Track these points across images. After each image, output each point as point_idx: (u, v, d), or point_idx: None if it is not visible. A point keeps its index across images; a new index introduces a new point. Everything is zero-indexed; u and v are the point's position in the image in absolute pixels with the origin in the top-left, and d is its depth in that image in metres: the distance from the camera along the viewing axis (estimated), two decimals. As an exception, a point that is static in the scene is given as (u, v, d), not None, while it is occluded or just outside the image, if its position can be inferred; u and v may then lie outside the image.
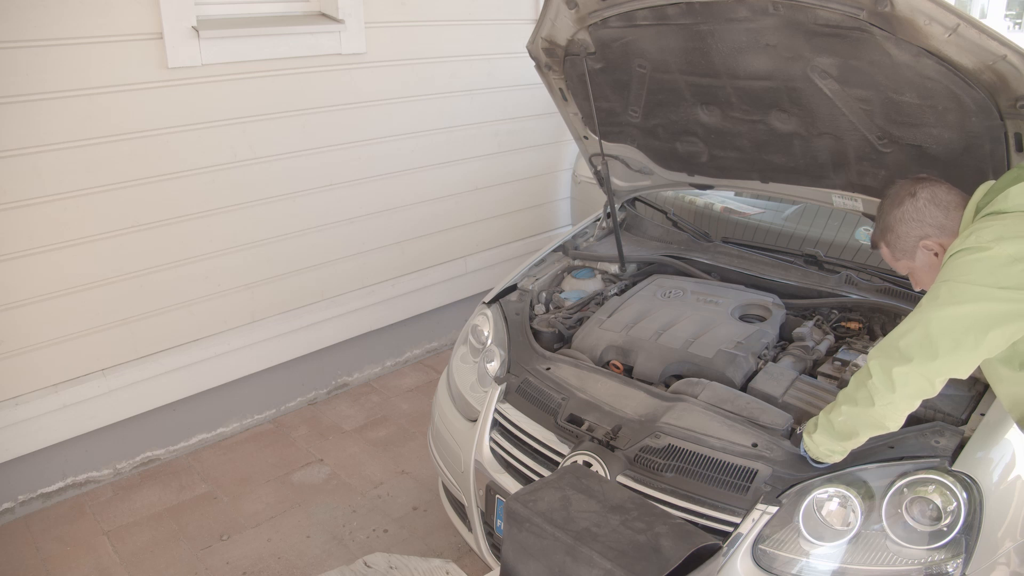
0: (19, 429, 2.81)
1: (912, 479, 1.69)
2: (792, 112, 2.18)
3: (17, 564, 2.69)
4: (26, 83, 2.54)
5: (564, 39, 2.38)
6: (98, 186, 2.78)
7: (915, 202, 1.74)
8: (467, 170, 4.00)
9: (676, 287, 2.53)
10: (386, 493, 3.03)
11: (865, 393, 1.60)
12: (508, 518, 1.75)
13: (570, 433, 2.04)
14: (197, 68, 2.88)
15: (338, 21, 3.23)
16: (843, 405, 1.66)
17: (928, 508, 1.66)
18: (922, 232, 1.74)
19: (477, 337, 2.54)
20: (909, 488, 1.68)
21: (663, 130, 2.58)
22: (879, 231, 1.83)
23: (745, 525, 1.72)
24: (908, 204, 1.75)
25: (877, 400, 1.58)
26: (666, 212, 3.05)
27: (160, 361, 3.11)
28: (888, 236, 1.79)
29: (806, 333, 2.24)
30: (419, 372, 4.00)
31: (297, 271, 3.47)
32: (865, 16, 1.74)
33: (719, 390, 2.02)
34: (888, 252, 1.82)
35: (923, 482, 1.68)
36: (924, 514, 1.66)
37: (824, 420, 1.70)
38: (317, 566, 2.65)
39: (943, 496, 1.66)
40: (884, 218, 1.80)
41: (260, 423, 3.54)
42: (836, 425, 1.67)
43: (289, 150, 3.27)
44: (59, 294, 2.80)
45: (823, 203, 2.48)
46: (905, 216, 1.75)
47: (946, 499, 1.65)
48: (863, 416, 1.62)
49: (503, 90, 3.99)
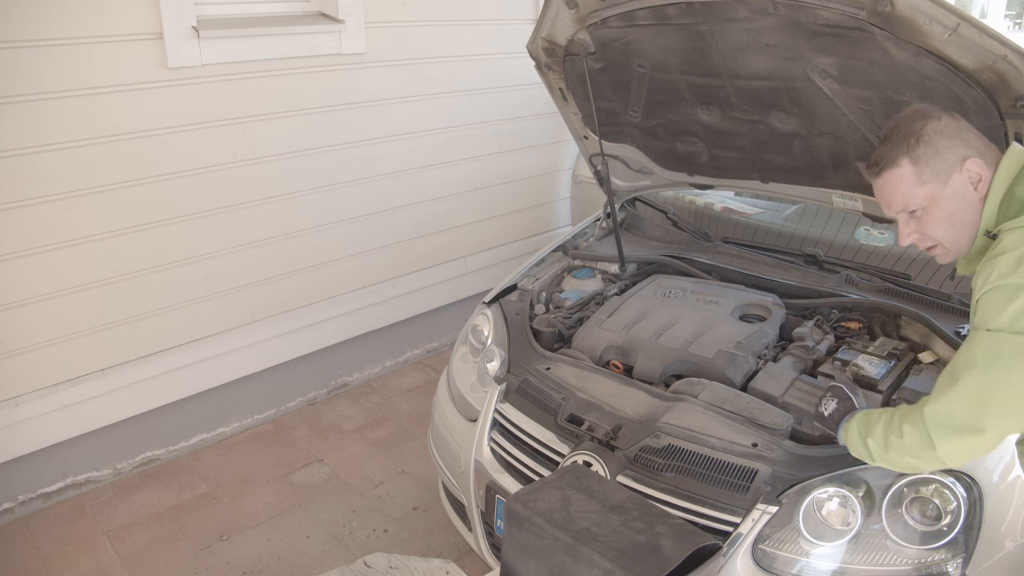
0: (19, 429, 2.81)
1: (912, 479, 1.68)
2: (792, 112, 2.18)
3: (17, 564, 2.69)
4: (26, 83, 2.54)
5: (564, 39, 2.38)
6: (98, 186, 2.78)
7: (955, 120, 1.49)
8: (467, 170, 4.00)
9: (676, 287, 2.53)
10: (386, 493, 3.03)
11: (923, 454, 1.44)
12: (508, 518, 1.75)
13: (570, 433, 2.04)
14: (197, 68, 2.89)
15: (338, 21, 3.23)
16: (899, 444, 1.48)
17: (928, 508, 1.66)
18: (966, 152, 1.46)
19: (477, 337, 2.54)
20: (909, 488, 1.68)
21: (663, 130, 2.58)
22: (900, 145, 1.49)
23: (745, 525, 1.72)
24: (947, 120, 1.48)
25: (929, 465, 1.46)
26: (666, 212, 3.05)
27: (160, 361, 3.11)
28: (920, 151, 1.45)
29: (806, 333, 2.24)
30: (419, 372, 3.99)
31: (297, 271, 3.47)
32: (865, 16, 1.74)
33: (719, 390, 2.02)
34: (911, 172, 1.49)
35: (923, 482, 1.68)
36: (924, 514, 1.66)
37: (881, 437, 1.53)
38: (317, 566, 2.65)
39: (943, 496, 1.66)
40: (913, 130, 1.47)
41: (260, 423, 3.54)
42: (889, 450, 1.52)
43: (289, 150, 3.27)
44: (59, 294, 2.80)
45: (823, 203, 2.48)
46: (947, 130, 1.46)
47: (946, 499, 1.65)
48: (910, 463, 1.50)
49: (503, 90, 3.99)
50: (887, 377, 2.01)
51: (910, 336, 2.24)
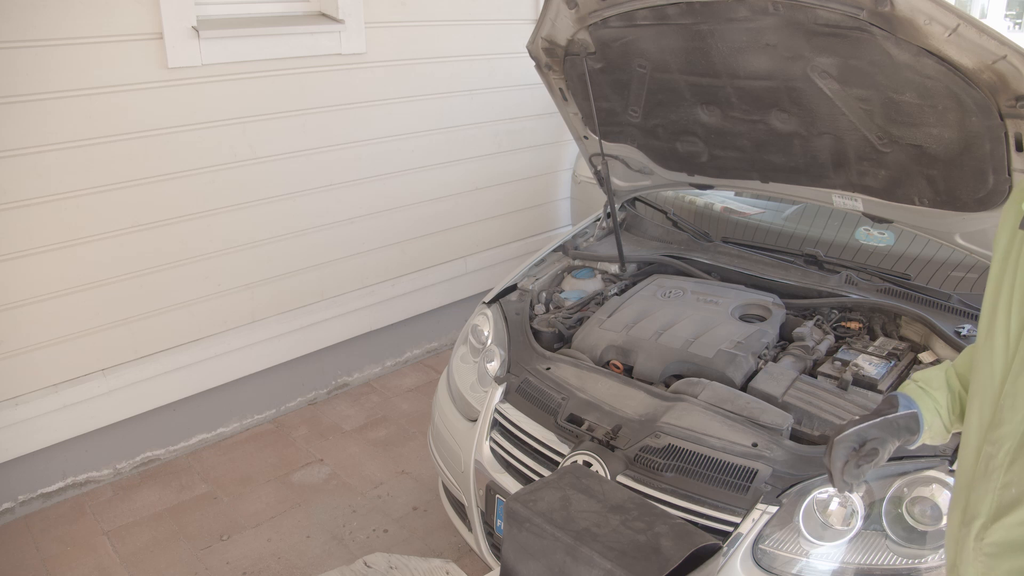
0: (19, 429, 2.81)
1: (912, 479, 1.68)
2: (792, 112, 2.18)
3: (17, 564, 2.69)
4: (26, 83, 2.54)
5: (564, 39, 2.38)
6: (98, 186, 2.78)
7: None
8: (467, 170, 4.00)
9: (676, 287, 2.53)
10: (386, 493, 3.03)
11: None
12: (508, 518, 1.75)
13: (570, 433, 2.04)
14: (197, 68, 2.89)
15: (338, 21, 3.23)
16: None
17: (928, 508, 1.66)
18: None
19: (477, 337, 2.54)
20: (909, 488, 1.68)
21: (663, 130, 2.57)
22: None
23: (745, 525, 1.72)
24: None
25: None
26: (666, 212, 3.05)
27: (160, 361, 3.11)
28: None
29: (806, 333, 2.24)
30: (419, 372, 3.99)
31: (297, 271, 3.47)
32: (865, 16, 1.74)
33: (719, 390, 2.02)
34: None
35: (923, 482, 1.68)
36: (924, 514, 1.66)
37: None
38: (317, 566, 2.65)
39: (943, 496, 1.65)
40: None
41: (260, 423, 3.54)
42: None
43: (289, 150, 3.27)
44: (59, 294, 2.80)
45: (823, 203, 2.48)
46: None
47: (946, 499, 1.65)
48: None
49: (503, 90, 3.99)
50: (887, 377, 2.01)
51: (910, 336, 2.24)
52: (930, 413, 1.35)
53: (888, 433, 1.31)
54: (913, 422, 1.32)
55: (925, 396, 1.37)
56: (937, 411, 1.36)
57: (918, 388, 1.38)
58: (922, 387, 1.38)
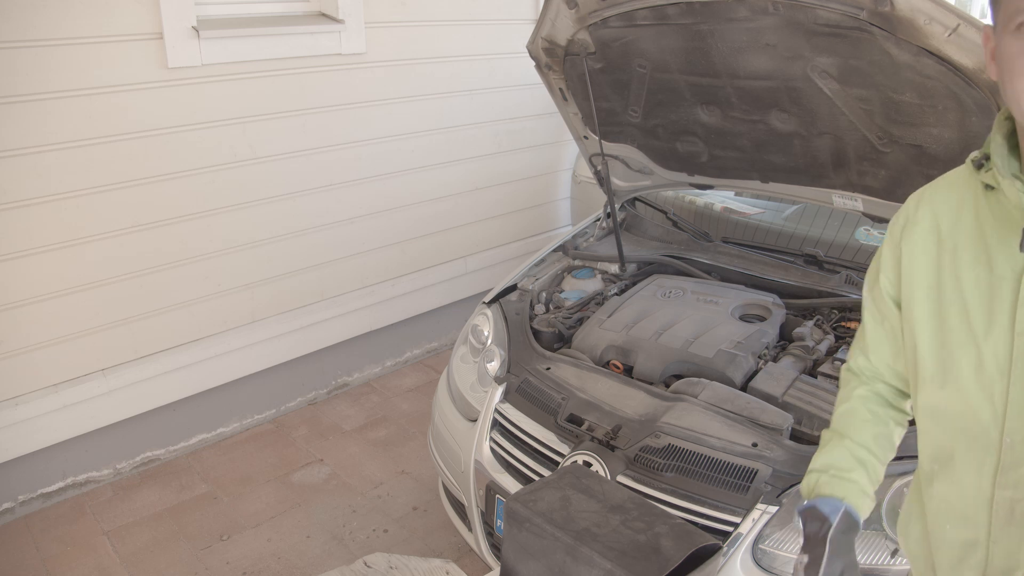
0: (19, 429, 2.81)
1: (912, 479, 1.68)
2: (792, 112, 2.18)
3: (17, 564, 2.69)
4: (26, 83, 2.54)
5: (564, 39, 2.38)
6: (98, 186, 2.78)
7: None
8: (467, 170, 4.00)
9: (676, 287, 2.53)
10: (386, 493, 3.03)
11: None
12: (508, 518, 1.75)
13: (570, 433, 2.04)
14: (197, 68, 2.88)
15: (338, 21, 3.23)
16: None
17: (928, 508, 1.66)
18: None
19: (477, 337, 2.54)
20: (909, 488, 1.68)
21: (663, 130, 2.57)
22: None
23: (745, 525, 1.72)
24: None
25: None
26: (666, 212, 3.05)
27: (160, 361, 3.11)
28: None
29: (806, 333, 2.24)
30: (419, 372, 3.99)
31: (297, 271, 3.47)
32: (865, 16, 1.74)
33: (719, 390, 2.02)
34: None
35: (923, 482, 1.67)
36: (924, 514, 1.66)
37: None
38: (317, 566, 2.65)
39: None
40: None
41: (260, 423, 3.54)
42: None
43: (289, 150, 3.26)
44: (59, 294, 2.80)
45: (823, 203, 2.48)
46: None
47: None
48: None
49: (503, 90, 3.98)
50: (887, 377, 2.01)
51: (910, 336, 2.24)
52: (857, 498, 1.21)
53: (844, 552, 1.15)
54: (850, 519, 1.17)
55: (843, 484, 1.22)
56: (863, 492, 1.22)
57: (832, 479, 1.23)
58: (834, 476, 1.23)
